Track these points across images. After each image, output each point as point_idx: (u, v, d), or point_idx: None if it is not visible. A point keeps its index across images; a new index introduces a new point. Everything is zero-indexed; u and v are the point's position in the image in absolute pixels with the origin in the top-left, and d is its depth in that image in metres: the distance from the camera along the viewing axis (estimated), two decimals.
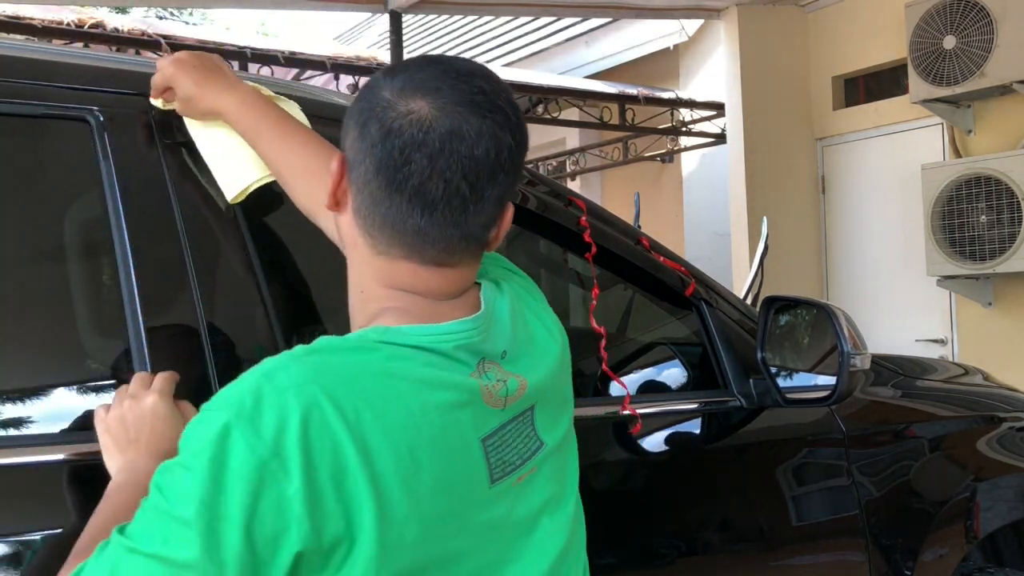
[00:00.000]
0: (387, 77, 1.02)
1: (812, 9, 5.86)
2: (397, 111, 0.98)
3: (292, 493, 0.89)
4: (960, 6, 4.72)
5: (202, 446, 0.91)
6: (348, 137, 1.02)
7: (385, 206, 0.99)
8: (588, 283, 1.88)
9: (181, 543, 0.88)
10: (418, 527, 0.94)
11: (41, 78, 1.39)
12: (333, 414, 0.91)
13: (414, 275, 1.02)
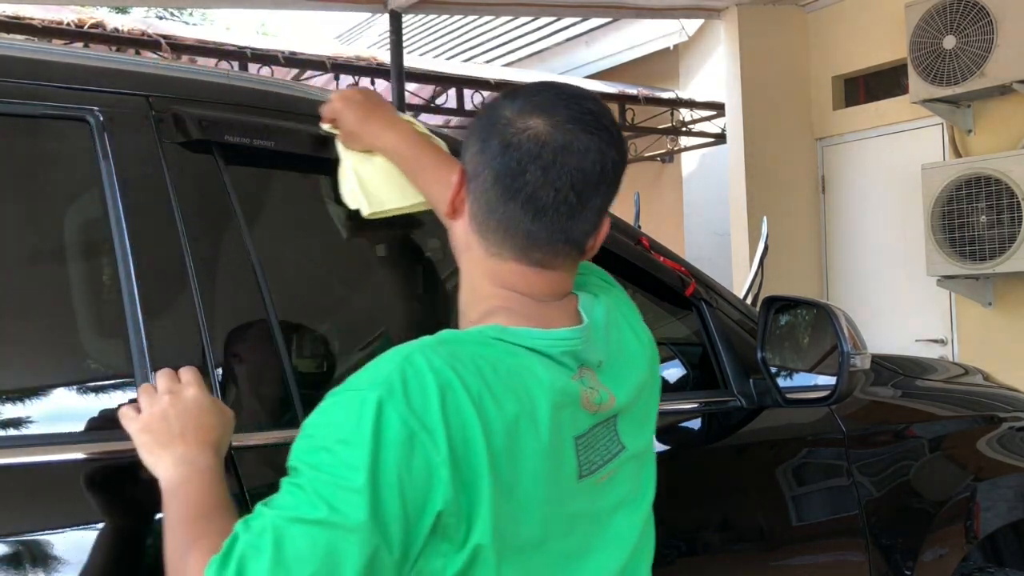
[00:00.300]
0: (507, 99, 1.15)
1: (812, 9, 5.86)
2: (516, 127, 1.11)
3: (439, 460, 1.00)
4: (960, 6, 4.72)
5: (359, 421, 1.01)
6: (469, 151, 1.16)
7: (500, 212, 1.12)
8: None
9: (350, 508, 0.98)
10: (520, 507, 1.05)
11: (41, 78, 1.39)
12: (463, 394, 1.03)
13: (521, 276, 1.14)
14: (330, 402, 1.06)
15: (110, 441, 1.33)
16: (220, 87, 1.58)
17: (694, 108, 6.88)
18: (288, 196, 1.79)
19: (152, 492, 1.16)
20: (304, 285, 1.70)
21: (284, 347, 1.45)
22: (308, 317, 1.79)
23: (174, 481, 1.15)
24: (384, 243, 2.25)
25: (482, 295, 1.16)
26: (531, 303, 1.14)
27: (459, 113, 6.34)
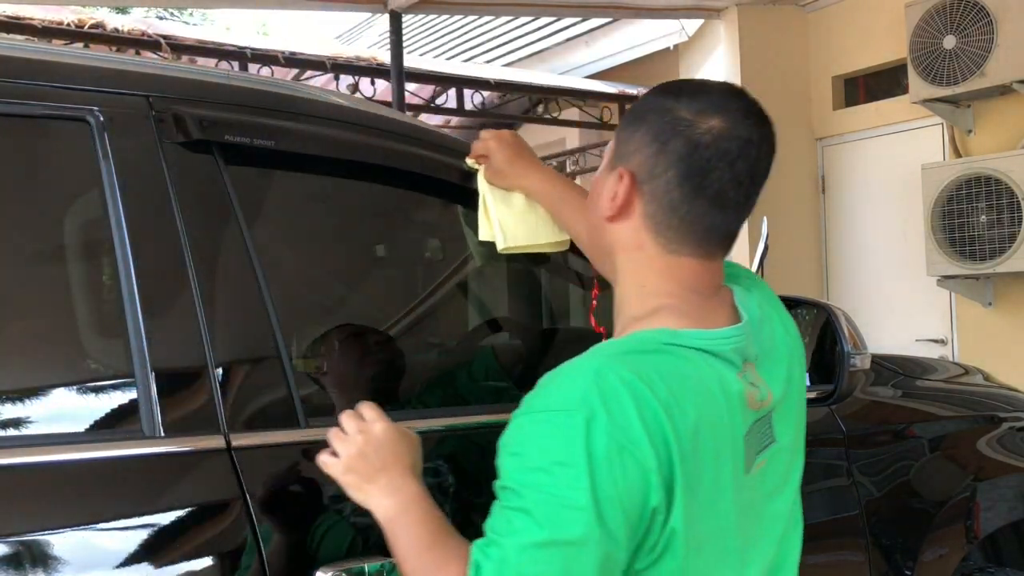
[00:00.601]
0: (676, 99, 1.19)
1: (812, 9, 5.86)
2: (700, 128, 1.16)
3: (649, 467, 1.07)
4: (960, 6, 4.72)
5: (570, 442, 1.07)
6: (639, 155, 1.19)
7: (685, 209, 1.17)
8: (588, 283, 1.88)
9: (578, 526, 1.05)
10: (701, 506, 1.12)
11: (41, 78, 1.39)
12: (655, 404, 1.09)
13: (693, 270, 1.20)
14: (529, 423, 1.12)
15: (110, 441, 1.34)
16: (220, 87, 1.58)
17: None
18: (288, 196, 1.79)
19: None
20: (305, 284, 1.70)
21: (284, 346, 1.45)
22: (308, 316, 1.79)
23: (392, 511, 1.22)
24: (384, 243, 2.25)
25: (651, 291, 1.21)
26: (697, 299, 1.20)
27: (459, 113, 6.34)
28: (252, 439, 1.38)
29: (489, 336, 2.32)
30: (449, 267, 2.41)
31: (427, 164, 1.74)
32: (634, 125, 1.22)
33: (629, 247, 1.22)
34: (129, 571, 1.25)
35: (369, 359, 1.91)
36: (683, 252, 1.19)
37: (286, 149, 1.57)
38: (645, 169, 1.19)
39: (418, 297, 2.38)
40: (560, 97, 6.57)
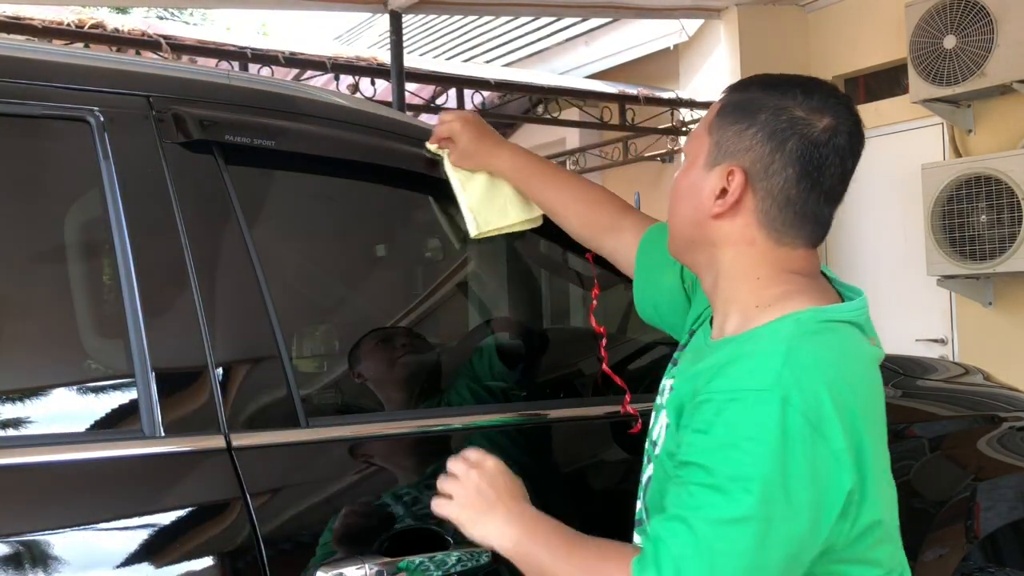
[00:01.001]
0: (786, 97, 1.25)
1: (812, 9, 5.86)
2: (816, 127, 1.20)
3: (841, 447, 1.09)
4: (960, 6, 4.72)
5: (764, 421, 1.08)
6: (752, 152, 1.21)
7: (800, 204, 1.21)
8: (588, 283, 1.88)
9: (768, 502, 1.06)
10: (886, 478, 1.19)
11: (42, 79, 1.39)
12: (841, 383, 1.12)
13: (805, 259, 1.24)
14: (721, 402, 1.12)
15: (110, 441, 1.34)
16: (220, 87, 1.58)
17: (694, 108, 6.87)
18: (288, 196, 1.79)
19: None
20: (305, 284, 1.70)
21: (285, 346, 1.45)
22: (308, 316, 1.79)
23: (517, 535, 1.24)
24: (384, 243, 2.24)
25: (768, 282, 1.22)
26: (811, 283, 1.24)
27: None
28: (252, 439, 1.38)
29: (491, 335, 2.32)
30: (449, 267, 2.41)
31: (427, 164, 1.74)
32: (743, 122, 1.23)
33: (739, 242, 1.24)
34: (129, 571, 1.25)
35: (400, 360, 1.93)
36: (796, 245, 1.23)
37: (286, 149, 1.57)
38: (760, 167, 1.21)
39: (418, 296, 2.38)
40: (560, 97, 6.56)
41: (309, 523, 1.39)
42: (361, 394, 1.94)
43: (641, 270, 1.59)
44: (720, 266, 1.26)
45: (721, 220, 1.23)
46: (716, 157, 1.23)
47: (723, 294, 1.26)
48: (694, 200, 1.26)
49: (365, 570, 1.36)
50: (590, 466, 1.83)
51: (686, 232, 1.30)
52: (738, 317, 1.23)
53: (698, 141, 1.27)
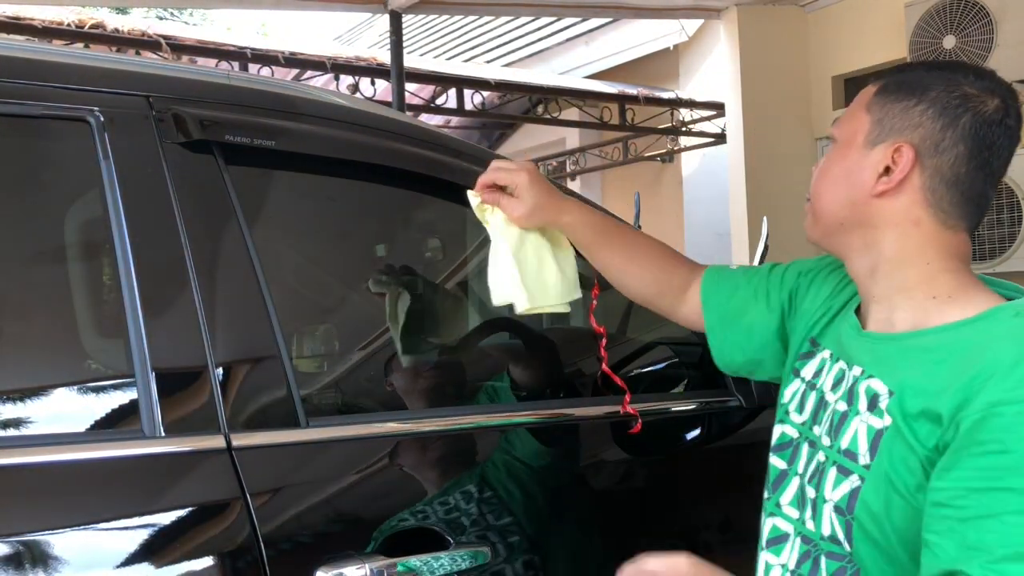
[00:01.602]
0: (956, 74, 1.21)
1: (812, 9, 5.86)
2: (988, 106, 1.17)
3: None
4: (960, 6, 4.72)
5: None
6: (922, 128, 1.16)
7: (968, 184, 1.15)
8: (588, 283, 1.88)
9: None
10: None
11: (42, 79, 1.39)
12: None
13: (964, 244, 1.18)
14: (1014, 417, 1.00)
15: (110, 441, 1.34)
16: (220, 87, 1.58)
17: (694, 108, 6.87)
18: (288, 196, 1.79)
19: None
20: (305, 284, 1.70)
21: (285, 346, 1.45)
22: (309, 316, 1.79)
23: None
24: (384, 243, 2.24)
25: (940, 267, 1.17)
26: (970, 270, 1.18)
27: (459, 113, 6.34)
28: (252, 439, 1.38)
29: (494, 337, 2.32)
30: (448, 267, 2.41)
31: (427, 164, 1.74)
32: (910, 99, 1.18)
33: (903, 222, 1.18)
34: (129, 571, 1.25)
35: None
36: (959, 228, 1.17)
37: (286, 149, 1.57)
38: (930, 143, 1.16)
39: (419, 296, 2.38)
40: (560, 97, 6.56)
41: (309, 523, 1.40)
42: (361, 394, 1.94)
43: (715, 321, 1.48)
44: (881, 249, 1.19)
45: (883, 199, 1.18)
46: (879, 135, 1.19)
47: (886, 280, 1.19)
48: (852, 179, 1.20)
49: (365, 570, 1.36)
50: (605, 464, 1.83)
51: (839, 213, 1.23)
52: (910, 310, 1.17)
53: (855, 121, 1.22)
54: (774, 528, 1.32)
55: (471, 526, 1.53)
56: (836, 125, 1.27)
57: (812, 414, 1.26)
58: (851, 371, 1.21)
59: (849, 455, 1.17)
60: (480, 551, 1.47)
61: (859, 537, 1.14)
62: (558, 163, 8.52)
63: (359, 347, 2.07)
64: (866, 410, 1.16)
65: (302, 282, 1.98)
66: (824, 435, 1.22)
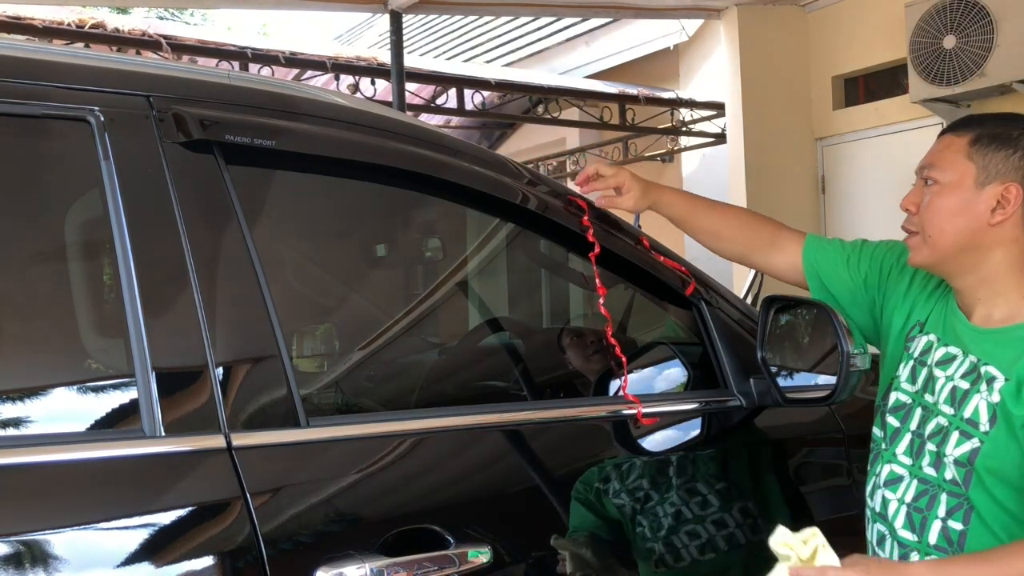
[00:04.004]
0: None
1: (812, 9, 5.86)
2: None
3: None
4: (960, 6, 4.72)
5: None
6: (1020, 171, 1.54)
7: None
8: (590, 282, 1.88)
9: None
10: None
11: (42, 78, 1.39)
12: None
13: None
14: None
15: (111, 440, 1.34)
16: (221, 87, 1.58)
17: (694, 108, 6.87)
18: (289, 196, 1.80)
19: None
20: (305, 284, 1.70)
21: (285, 345, 1.45)
22: (309, 315, 1.79)
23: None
24: (384, 243, 2.24)
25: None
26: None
27: (459, 113, 6.34)
28: (253, 439, 1.38)
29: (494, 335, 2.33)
30: (448, 267, 2.42)
31: (427, 164, 1.74)
32: (1008, 148, 1.55)
33: (1007, 242, 1.56)
34: (129, 571, 1.25)
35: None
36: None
37: (286, 149, 1.57)
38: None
39: (418, 296, 2.38)
40: (560, 97, 6.56)
41: (309, 523, 1.40)
42: (361, 393, 1.94)
43: (816, 274, 1.82)
44: (990, 263, 1.56)
45: (997, 227, 1.55)
46: (986, 178, 1.55)
47: (991, 287, 1.57)
48: (970, 213, 1.55)
49: (365, 570, 1.36)
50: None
51: (959, 240, 1.57)
52: (1006, 307, 1.55)
53: (958, 167, 1.57)
54: (891, 472, 1.64)
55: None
56: (936, 170, 1.60)
57: (923, 385, 1.62)
58: (967, 357, 1.57)
59: (971, 423, 1.53)
60: (481, 550, 1.47)
61: (976, 483, 1.51)
62: (558, 163, 8.52)
63: (359, 347, 2.07)
64: (985, 389, 1.52)
65: (302, 282, 1.99)
66: (943, 404, 1.57)
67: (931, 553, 1.56)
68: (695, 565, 1.84)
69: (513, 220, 2.00)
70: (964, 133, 1.59)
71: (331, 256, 2.13)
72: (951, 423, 1.56)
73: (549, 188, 1.93)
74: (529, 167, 2.03)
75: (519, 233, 2.08)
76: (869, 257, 1.79)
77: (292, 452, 1.43)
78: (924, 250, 1.62)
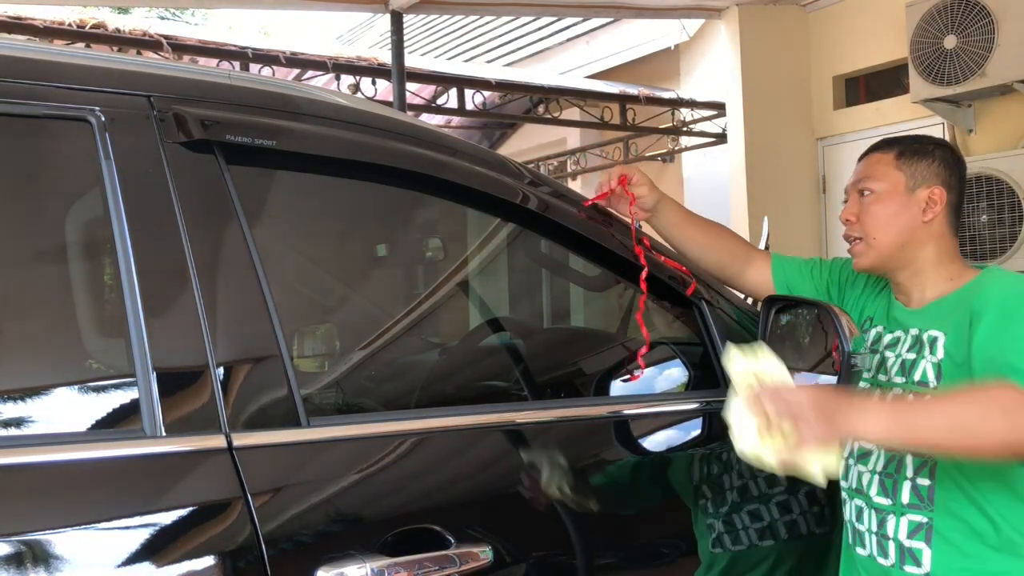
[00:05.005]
0: (940, 148, 1.86)
1: (812, 9, 5.86)
2: (964, 163, 1.88)
3: None
4: (961, 6, 4.71)
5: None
6: (939, 176, 1.82)
7: (960, 205, 1.84)
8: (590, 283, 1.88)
9: None
10: None
11: (43, 79, 1.40)
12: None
13: (957, 242, 1.84)
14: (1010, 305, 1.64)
15: (111, 440, 1.34)
16: (221, 87, 1.58)
17: (695, 108, 6.87)
18: (289, 196, 1.80)
19: None
20: (305, 283, 1.70)
21: (286, 345, 1.45)
22: (309, 315, 1.79)
23: (881, 421, 1.49)
24: (384, 243, 2.25)
25: (950, 259, 1.81)
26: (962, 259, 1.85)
27: (460, 113, 6.34)
28: (253, 439, 1.38)
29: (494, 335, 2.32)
30: (448, 267, 2.42)
31: (428, 164, 1.74)
32: (928, 159, 1.82)
33: (936, 236, 1.81)
34: (129, 571, 1.25)
35: None
36: (955, 235, 1.83)
37: (287, 149, 1.57)
38: (946, 184, 1.81)
39: (419, 296, 2.38)
40: (561, 97, 6.56)
41: (310, 523, 1.40)
42: (362, 393, 1.94)
43: (786, 285, 2.02)
44: (923, 258, 1.80)
45: (927, 224, 1.79)
46: (915, 183, 1.81)
47: (924, 277, 1.80)
48: (906, 214, 1.80)
49: (366, 570, 1.36)
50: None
51: (899, 239, 1.80)
52: (935, 288, 1.79)
53: (891, 177, 1.83)
54: (860, 448, 1.81)
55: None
56: (871, 182, 1.85)
57: (877, 368, 1.82)
58: (909, 333, 1.79)
59: (921, 384, 1.72)
60: (482, 549, 1.47)
61: None
62: (559, 163, 8.52)
63: (360, 347, 2.07)
64: (929, 353, 1.73)
65: (303, 281, 1.99)
66: (895, 377, 1.77)
67: (905, 512, 1.72)
68: (694, 565, 1.84)
69: (513, 220, 2.01)
70: (888, 150, 1.87)
71: (332, 256, 2.13)
72: (904, 389, 1.75)
73: (550, 188, 1.93)
74: (530, 167, 2.03)
75: (520, 233, 2.08)
76: (828, 269, 2.01)
77: (293, 452, 1.44)
78: (870, 252, 1.83)
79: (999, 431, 1.49)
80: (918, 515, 1.70)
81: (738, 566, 1.90)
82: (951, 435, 1.51)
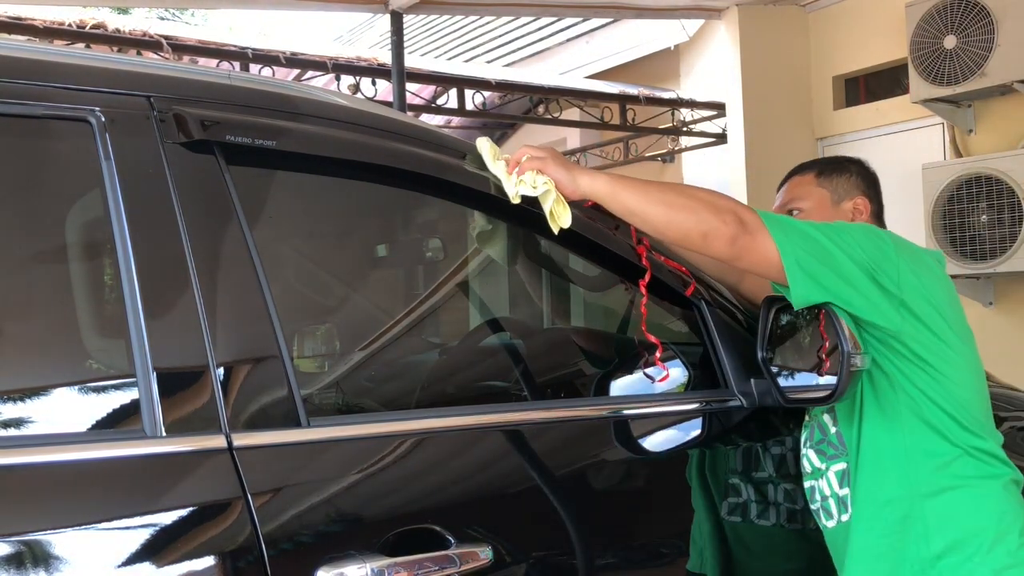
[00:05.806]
0: (854, 163, 2.08)
1: (812, 9, 5.86)
2: (873, 172, 2.11)
3: None
4: (961, 6, 4.72)
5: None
6: (859, 188, 2.04)
7: (879, 211, 2.06)
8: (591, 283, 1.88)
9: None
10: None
11: (43, 79, 1.40)
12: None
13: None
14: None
15: (111, 441, 1.34)
16: (222, 87, 1.59)
17: (695, 108, 6.87)
18: (289, 196, 1.80)
19: None
20: (306, 283, 1.70)
21: (286, 345, 1.45)
22: (309, 315, 1.79)
23: (606, 180, 1.72)
24: (385, 243, 2.25)
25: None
26: None
27: (460, 113, 6.34)
28: (253, 439, 1.38)
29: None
30: (448, 267, 2.41)
31: (428, 164, 1.74)
32: (846, 174, 2.03)
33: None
34: (130, 571, 1.25)
35: None
36: (880, 222, 2.06)
37: (287, 149, 1.57)
38: (866, 194, 2.02)
39: (419, 296, 2.38)
40: (561, 97, 6.56)
41: (310, 523, 1.40)
42: (362, 393, 1.94)
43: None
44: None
45: (855, 217, 1.98)
46: (839, 197, 2.01)
47: None
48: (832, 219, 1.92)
49: (366, 570, 1.36)
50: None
51: None
52: None
53: (815, 195, 2.01)
54: (807, 430, 1.92)
55: None
56: (799, 202, 2.02)
57: None
58: None
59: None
60: (482, 549, 1.47)
61: None
62: None
63: (360, 347, 2.07)
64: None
65: (303, 282, 1.99)
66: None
67: (831, 466, 1.82)
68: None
69: (513, 220, 2.00)
70: (807, 172, 2.05)
71: (332, 256, 2.13)
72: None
73: None
74: None
75: (519, 233, 2.08)
76: None
77: (293, 452, 1.44)
78: None
79: (691, 223, 1.68)
80: (839, 463, 1.80)
81: (738, 566, 1.90)
82: (656, 210, 1.69)
